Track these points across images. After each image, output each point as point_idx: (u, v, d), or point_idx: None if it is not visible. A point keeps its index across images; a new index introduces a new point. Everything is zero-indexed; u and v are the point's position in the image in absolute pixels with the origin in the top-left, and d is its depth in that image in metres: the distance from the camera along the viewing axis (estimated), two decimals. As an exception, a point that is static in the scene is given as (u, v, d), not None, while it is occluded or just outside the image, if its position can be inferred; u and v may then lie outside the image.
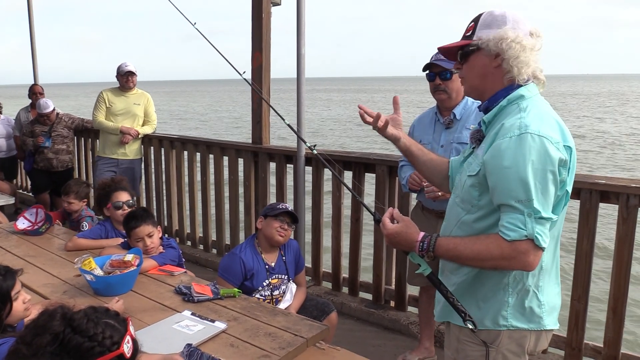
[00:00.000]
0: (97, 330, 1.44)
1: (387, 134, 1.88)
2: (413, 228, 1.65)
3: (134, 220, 2.88)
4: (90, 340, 1.42)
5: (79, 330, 1.43)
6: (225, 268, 2.82)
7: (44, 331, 1.44)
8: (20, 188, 7.45)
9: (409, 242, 1.65)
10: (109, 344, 1.44)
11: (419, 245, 1.62)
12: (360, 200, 1.99)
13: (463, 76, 1.72)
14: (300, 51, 3.96)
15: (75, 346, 1.42)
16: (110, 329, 1.47)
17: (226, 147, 4.84)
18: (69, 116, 6.12)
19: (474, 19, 1.67)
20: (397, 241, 1.66)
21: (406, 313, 3.80)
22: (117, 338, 1.46)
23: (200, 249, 5.21)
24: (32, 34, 7.20)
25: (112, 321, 1.50)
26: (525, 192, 1.47)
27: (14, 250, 3.27)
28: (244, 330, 2.20)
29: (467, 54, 1.65)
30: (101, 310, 1.53)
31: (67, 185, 4.07)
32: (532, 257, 1.50)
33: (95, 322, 1.45)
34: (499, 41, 1.57)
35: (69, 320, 1.46)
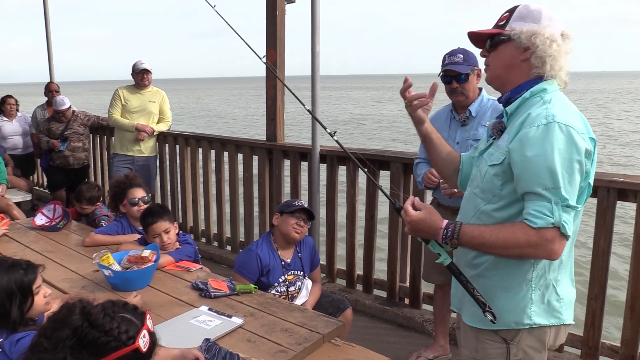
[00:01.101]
0: (113, 325, 1.46)
1: (416, 113, 1.85)
2: (436, 215, 1.64)
3: (151, 217, 2.91)
4: (106, 335, 1.44)
5: (96, 324, 1.45)
6: (242, 264, 2.84)
7: (63, 325, 1.47)
8: (37, 185, 7.53)
9: (432, 230, 1.63)
10: (124, 339, 1.46)
11: (443, 233, 1.61)
12: (379, 187, 1.98)
13: (488, 64, 1.71)
14: (315, 49, 3.96)
15: (91, 340, 1.45)
16: (127, 324, 1.49)
17: (241, 144, 4.86)
18: (84, 114, 6.18)
19: (509, 10, 1.68)
20: (420, 228, 1.64)
21: (420, 310, 3.80)
22: (133, 332, 1.48)
23: (215, 245, 5.24)
24: (48, 32, 7.27)
25: (129, 315, 1.52)
26: (552, 179, 1.47)
27: (33, 246, 3.31)
28: (260, 326, 2.22)
29: (497, 42, 1.65)
30: (119, 304, 1.55)
31: (78, 192, 4.10)
32: (557, 245, 1.50)
33: (112, 317, 1.47)
34: (532, 35, 1.58)
35: (87, 315, 1.48)
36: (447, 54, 2.84)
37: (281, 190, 4.57)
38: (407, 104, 1.85)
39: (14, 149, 6.60)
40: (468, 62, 2.79)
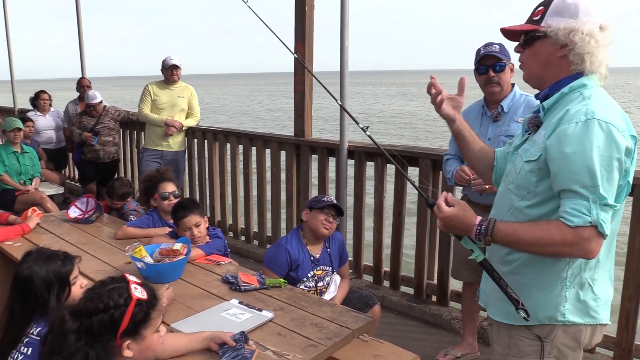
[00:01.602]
0: (104, 301, 1.53)
1: (442, 112, 1.83)
2: (470, 212, 1.62)
3: (182, 210, 2.94)
4: (106, 312, 1.51)
5: (91, 312, 1.52)
6: (271, 258, 2.86)
7: (64, 337, 1.51)
8: (69, 178, 7.69)
9: (465, 226, 1.61)
10: (122, 302, 1.53)
11: (477, 229, 1.59)
12: (412, 183, 1.97)
13: (523, 61, 1.68)
14: (344, 44, 3.95)
15: (99, 325, 1.51)
16: (115, 291, 1.56)
17: (268, 139, 4.89)
18: (115, 109, 6.29)
19: (544, 3, 1.63)
20: (453, 225, 1.62)
21: (448, 308, 3.77)
22: (125, 292, 1.55)
23: (242, 240, 5.28)
24: (80, 29, 7.39)
25: (110, 286, 1.59)
26: (590, 177, 1.44)
27: (67, 238, 3.39)
28: (290, 320, 2.23)
29: (532, 39, 1.62)
30: (97, 285, 1.63)
31: (111, 188, 4.19)
32: (594, 245, 1.47)
33: (98, 297, 1.54)
34: (570, 32, 1.54)
35: (77, 312, 1.54)
36: (482, 45, 2.80)
37: (308, 185, 4.58)
38: (432, 102, 1.84)
39: (47, 143, 6.76)
40: (504, 54, 2.76)
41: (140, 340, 1.58)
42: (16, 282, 1.99)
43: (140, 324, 1.57)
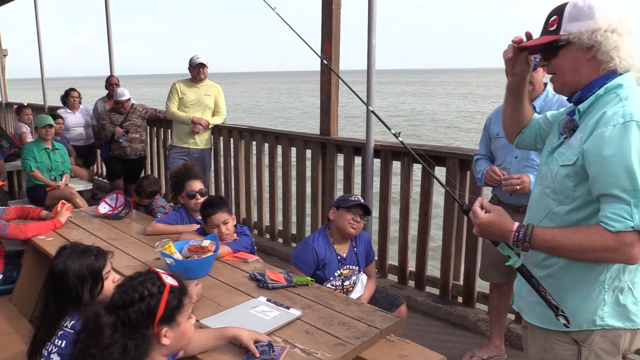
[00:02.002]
0: (138, 291, 1.57)
1: (518, 66, 1.77)
2: (507, 218, 1.60)
3: (211, 208, 2.97)
4: (142, 301, 1.56)
5: (127, 304, 1.56)
6: (298, 257, 2.87)
7: (99, 330, 1.55)
8: (97, 174, 7.83)
9: (502, 232, 1.59)
10: (157, 291, 1.58)
11: (514, 236, 1.57)
12: (448, 190, 1.96)
13: (554, 72, 1.65)
14: (372, 42, 3.93)
15: (136, 316, 1.55)
16: (148, 281, 1.60)
17: (294, 138, 4.90)
18: (142, 106, 6.37)
19: (556, 12, 1.60)
20: (490, 231, 1.60)
21: (474, 310, 3.73)
22: (157, 281, 1.60)
23: (267, 237, 5.31)
24: (109, 28, 7.51)
25: (142, 277, 1.63)
26: (631, 181, 1.41)
27: (97, 233, 3.45)
28: (318, 318, 2.23)
29: (556, 49, 1.59)
30: (126, 280, 1.66)
31: (139, 186, 4.26)
32: (637, 250, 1.44)
33: (133, 288, 1.58)
34: (592, 33, 1.51)
35: (113, 306, 1.58)
36: None
37: (334, 184, 4.58)
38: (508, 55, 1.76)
39: (76, 140, 6.88)
40: None
41: (176, 326, 1.63)
42: (51, 276, 2.03)
43: (175, 310, 1.61)
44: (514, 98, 1.88)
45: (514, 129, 1.96)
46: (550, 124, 1.83)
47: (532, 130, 1.89)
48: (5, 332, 2.91)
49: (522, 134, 1.93)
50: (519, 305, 1.82)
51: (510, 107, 1.91)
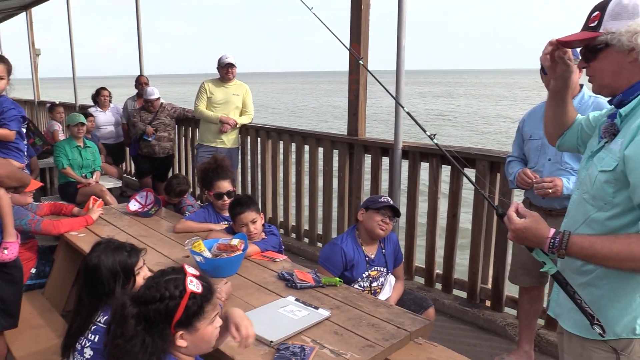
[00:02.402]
0: (160, 291, 1.58)
1: (558, 68, 1.72)
2: (542, 224, 1.57)
3: (239, 207, 2.98)
4: (161, 301, 1.56)
5: (148, 300, 1.57)
6: (327, 257, 2.86)
7: (124, 320, 1.58)
8: (126, 172, 7.95)
9: (538, 239, 1.56)
10: (177, 294, 1.57)
11: (550, 242, 1.54)
12: (483, 194, 1.92)
13: (592, 74, 1.61)
14: (401, 42, 3.90)
15: (155, 314, 1.57)
16: (171, 282, 1.60)
17: (322, 138, 4.89)
18: (171, 105, 6.45)
19: (599, 7, 1.56)
20: (525, 236, 1.57)
21: (503, 314, 3.68)
22: (180, 285, 1.59)
23: (293, 237, 5.32)
24: (139, 28, 7.62)
25: (169, 276, 1.63)
26: None
27: (128, 230, 3.50)
28: (347, 319, 2.22)
29: (595, 52, 1.55)
30: (157, 274, 1.68)
31: (169, 185, 4.29)
32: None
33: (156, 287, 1.59)
34: (633, 35, 1.46)
35: (137, 299, 1.60)
36: None
37: (361, 185, 4.56)
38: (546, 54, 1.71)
39: (106, 138, 7.00)
40: (573, 54, 2.65)
41: (194, 331, 1.61)
42: (85, 270, 2.07)
43: (193, 316, 1.60)
44: (557, 101, 1.83)
45: (556, 131, 1.91)
46: (593, 126, 1.79)
47: (573, 132, 1.85)
48: (39, 326, 2.97)
49: (563, 136, 1.88)
50: (556, 311, 1.78)
51: (552, 110, 1.87)
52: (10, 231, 2.62)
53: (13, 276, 2.67)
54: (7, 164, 2.57)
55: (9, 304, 2.67)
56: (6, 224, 2.61)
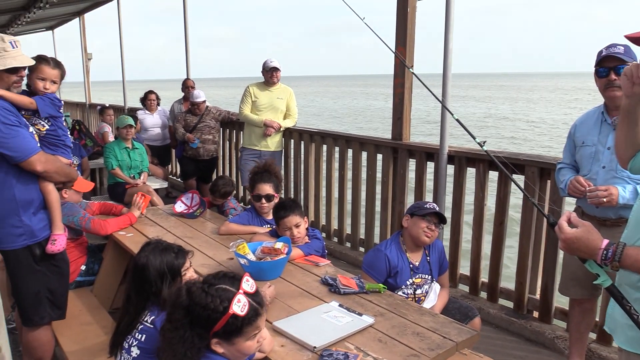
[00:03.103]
0: (209, 299, 1.59)
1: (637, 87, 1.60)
2: (595, 234, 1.51)
3: (283, 210, 2.98)
4: (205, 310, 1.59)
5: (197, 302, 1.60)
6: (370, 264, 2.83)
7: (176, 307, 1.63)
8: (171, 174, 8.12)
9: (590, 249, 1.50)
10: (221, 309, 1.58)
11: (602, 254, 1.47)
12: (532, 201, 1.86)
13: None
14: (448, 46, 3.84)
15: (197, 316, 1.60)
16: (222, 294, 1.60)
17: (365, 142, 4.86)
18: (216, 109, 6.55)
19: None
20: (576, 247, 1.52)
21: (551, 326, 3.56)
22: (226, 301, 1.59)
23: (335, 241, 5.30)
24: (186, 33, 7.75)
25: (225, 285, 1.64)
26: None
27: (173, 231, 3.56)
28: (391, 327, 2.19)
29: None
30: (218, 275, 1.69)
31: (214, 186, 4.33)
32: None
33: (207, 292, 1.61)
34: None
35: (190, 294, 1.63)
36: (605, 47, 2.61)
37: (405, 190, 4.51)
38: None
39: (153, 140, 7.17)
40: (629, 56, 2.54)
41: (230, 345, 1.63)
42: (134, 270, 2.11)
43: (231, 333, 1.61)
44: (629, 121, 1.70)
45: (627, 153, 1.77)
46: None
47: None
48: (87, 322, 3.06)
49: (635, 158, 1.72)
50: (611, 326, 1.70)
51: (624, 131, 1.73)
52: (59, 224, 2.71)
53: (61, 269, 2.78)
54: (55, 159, 2.67)
55: (58, 295, 2.78)
56: (55, 218, 2.70)
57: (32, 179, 2.57)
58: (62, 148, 2.86)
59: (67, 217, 3.44)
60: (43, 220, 2.65)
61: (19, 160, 2.46)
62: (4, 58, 2.44)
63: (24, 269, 2.63)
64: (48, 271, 2.69)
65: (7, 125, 2.40)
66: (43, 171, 2.54)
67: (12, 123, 2.42)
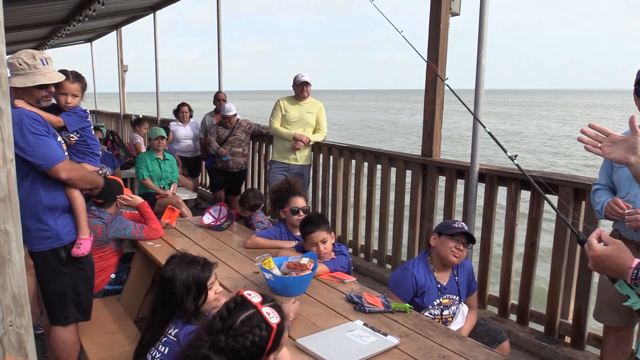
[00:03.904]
0: (248, 338, 1.59)
1: (610, 157, 1.66)
2: (626, 253, 1.45)
3: (310, 225, 2.96)
4: (253, 346, 1.60)
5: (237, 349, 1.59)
6: (397, 283, 2.78)
7: None
8: (201, 185, 8.19)
9: (620, 268, 1.44)
10: (265, 335, 1.61)
11: (633, 273, 1.41)
12: (563, 217, 1.80)
13: None
14: (481, 62, 3.79)
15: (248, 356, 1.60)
16: (250, 320, 1.61)
17: (395, 158, 4.82)
18: (247, 122, 6.60)
19: None
20: (606, 265, 1.46)
21: (584, 352, 3.43)
22: (262, 322, 1.62)
23: (361, 257, 5.25)
24: (220, 47, 7.86)
25: (242, 316, 1.62)
26: None
27: (200, 243, 3.57)
28: (416, 349, 2.13)
29: None
30: (223, 316, 1.63)
31: (244, 197, 4.34)
32: None
33: (239, 334, 1.59)
34: None
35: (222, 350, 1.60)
36: None
37: (434, 207, 4.44)
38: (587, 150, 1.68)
39: (185, 152, 7.25)
40: None
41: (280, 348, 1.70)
42: (160, 283, 2.12)
43: (280, 338, 1.67)
44: None
45: None
46: None
47: None
48: (113, 332, 3.08)
49: None
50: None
51: None
52: (84, 229, 2.80)
53: (86, 272, 2.86)
54: (80, 167, 2.78)
55: (83, 297, 2.86)
56: (80, 222, 2.78)
57: (58, 185, 2.67)
58: (90, 156, 2.97)
59: (120, 231, 3.53)
60: (68, 225, 2.75)
61: (45, 168, 2.56)
62: (34, 75, 2.55)
63: (50, 271, 2.73)
64: (74, 273, 2.79)
65: (34, 134, 2.50)
66: (67, 178, 2.64)
67: (40, 133, 2.52)
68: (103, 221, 3.55)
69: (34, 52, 2.58)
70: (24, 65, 2.53)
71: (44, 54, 2.63)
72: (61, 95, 2.79)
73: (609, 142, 1.69)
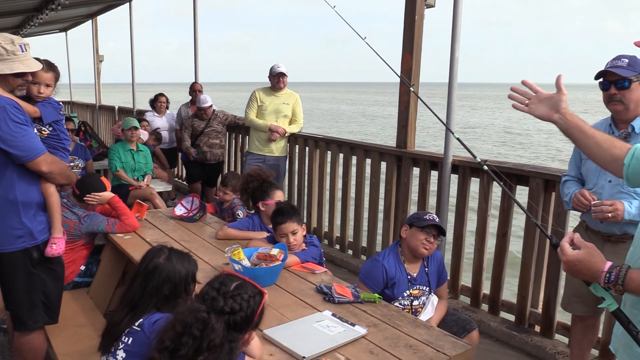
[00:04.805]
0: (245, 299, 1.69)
1: (535, 113, 1.69)
2: (598, 256, 1.45)
3: (281, 217, 2.94)
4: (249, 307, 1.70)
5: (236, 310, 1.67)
6: (367, 274, 2.78)
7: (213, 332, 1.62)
8: (177, 177, 8.11)
9: (592, 272, 1.45)
10: (258, 300, 1.72)
11: (605, 277, 1.42)
12: (535, 222, 1.81)
13: None
14: (455, 55, 3.80)
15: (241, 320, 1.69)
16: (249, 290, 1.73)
17: (370, 149, 4.82)
18: (223, 113, 6.54)
19: None
20: (579, 270, 1.47)
21: (553, 341, 3.48)
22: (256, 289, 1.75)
23: (337, 248, 5.25)
24: (196, 38, 7.77)
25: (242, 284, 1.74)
26: None
27: (172, 234, 3.53)
28: (383, 339, 2.14)
29: None
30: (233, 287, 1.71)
31: (226, 178, 4.28)
32: None
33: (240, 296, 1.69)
34: None
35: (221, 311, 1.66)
36: (612, 58, 2.54)
37: (408, 198, 4.46)
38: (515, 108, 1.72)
39: (162, 143, 7.16)
40: (633, 69, 2.47)
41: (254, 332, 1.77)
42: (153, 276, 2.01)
43: (262, 315, 1.76)
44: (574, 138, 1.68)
45: (610, 168, 1.63)
46: None
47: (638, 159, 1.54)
48: (81, 324, 3.03)
49: (627, 167, 1.56)
50: (615, 346, 1.64)
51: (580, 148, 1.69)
52: (58, 227, 2.65)
53: (56, 272, 2.71)
54: (59, 161, 2.63)
55: (52, 299, 2.71)
56: (55, 220, 2.63)
57: (34, 180, 2.52)
58: (61, 151, 2.81)
59: (93, 226, 3.45)
60: (42, 223, 2.59)
61: (26, 160, 2.40)
62: (12, 62, 2.38)
63: (19, 272, 2.55)
64: (44, 275, 2.63)
65: (17, 123, 2.34)
66: (48, 172, 2.49)
67: (22, 122, 2.37)
68: (76, 215, 3.48)
69: (13, 37, 2.41)
70: (2, 51, 2.35)
71: (23, 40, 2.45)
72: (33, 84, 2.60)
73: (536, 99, 1.71)
